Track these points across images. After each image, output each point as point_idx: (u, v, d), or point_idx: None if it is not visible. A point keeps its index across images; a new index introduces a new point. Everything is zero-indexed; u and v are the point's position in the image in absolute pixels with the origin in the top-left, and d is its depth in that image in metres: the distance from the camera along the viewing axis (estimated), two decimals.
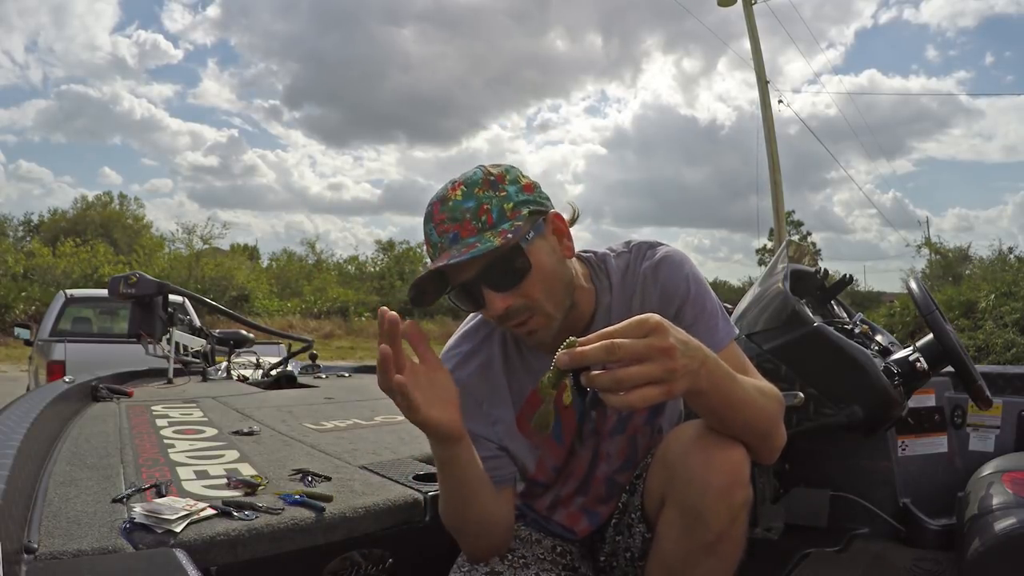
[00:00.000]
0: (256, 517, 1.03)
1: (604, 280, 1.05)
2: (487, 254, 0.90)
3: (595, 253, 1.08)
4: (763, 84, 13.32)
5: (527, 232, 0.94)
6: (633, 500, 1.06)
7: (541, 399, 0.80)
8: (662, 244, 1.06)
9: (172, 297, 3.22)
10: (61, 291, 5.84)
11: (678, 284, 1.01)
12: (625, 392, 0.71)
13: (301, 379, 3.28)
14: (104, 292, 4.03)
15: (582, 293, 1.02)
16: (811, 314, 1.52)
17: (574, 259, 1.01)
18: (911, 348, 1.54)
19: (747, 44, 13.68)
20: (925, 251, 20.52)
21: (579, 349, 0.72)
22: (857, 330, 1.64)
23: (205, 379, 3.15)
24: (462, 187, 0.94)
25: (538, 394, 1.03)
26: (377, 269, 27.16)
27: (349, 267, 27.59)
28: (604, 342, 0.71)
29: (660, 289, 1.02)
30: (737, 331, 1.03)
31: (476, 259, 0.91)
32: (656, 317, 0.73)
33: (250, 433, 1.71)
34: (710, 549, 0.88)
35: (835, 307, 1.86)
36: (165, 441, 1.58)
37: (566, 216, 1.00)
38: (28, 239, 22.54)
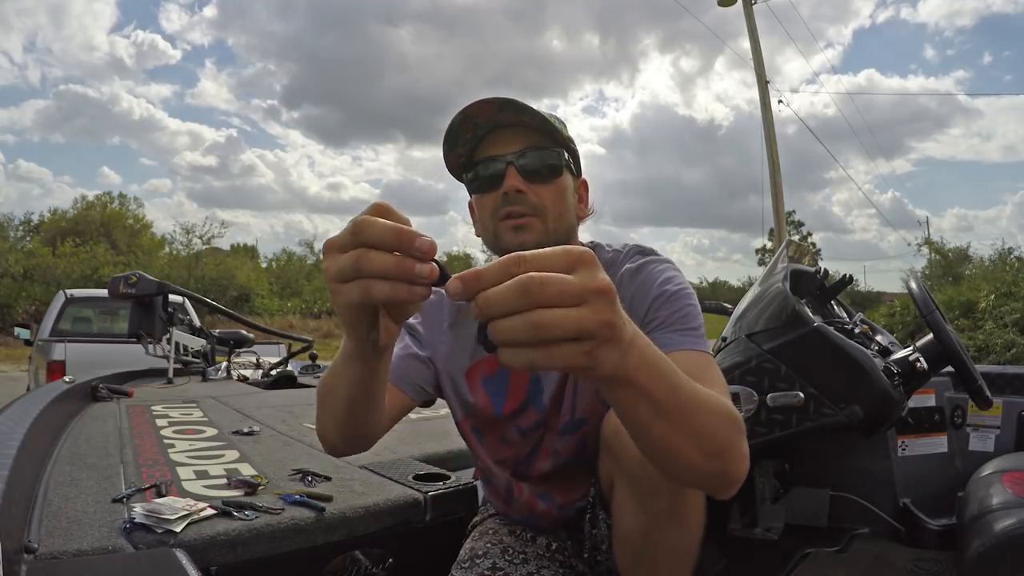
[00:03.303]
0: (256, 517, 1.03)
1: None
2: (539, 136, 0.96)
3: (590, 242, 1.08)
4: (763, 84, 13.33)
5: (570, 160, 1.00)
6: (598, 491, 1.04)
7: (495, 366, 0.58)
8: (655, 253, 1.02)
9: (172, 297, 3.23)
10: (61, 291, 5.83)
11: (653, 284, 0.96)
12: (538, 347, 0.49)
13: (301, 379, 3.28)
14: (104, 292, 4.03)
15: None
16: (811, 314, 1.52)
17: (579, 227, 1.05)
18: (911, 348, 1.54)
19: (745, 43, 13.71)
20: (925, 251, 20.52)
21: (475, 271, 0.51)
22: (857, 330, 1.64)
23: (205, 379, 3.15)
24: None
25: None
26: None
27: None
28: (520, 275, 0.49)
29: (635, 289, 0.97)
30: (710, 350, 0.93)
31: (524, 133, 0.96)
32: (583, 249, 0.52)
33: (250, 433, 1.72)
34: (667, 518, 0.86)
35: (835, 307, 1.86)
36: (165, 441, 1.58)
37: None
38: (28, 239, 22.52)
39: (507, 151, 0.96)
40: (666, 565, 0.90)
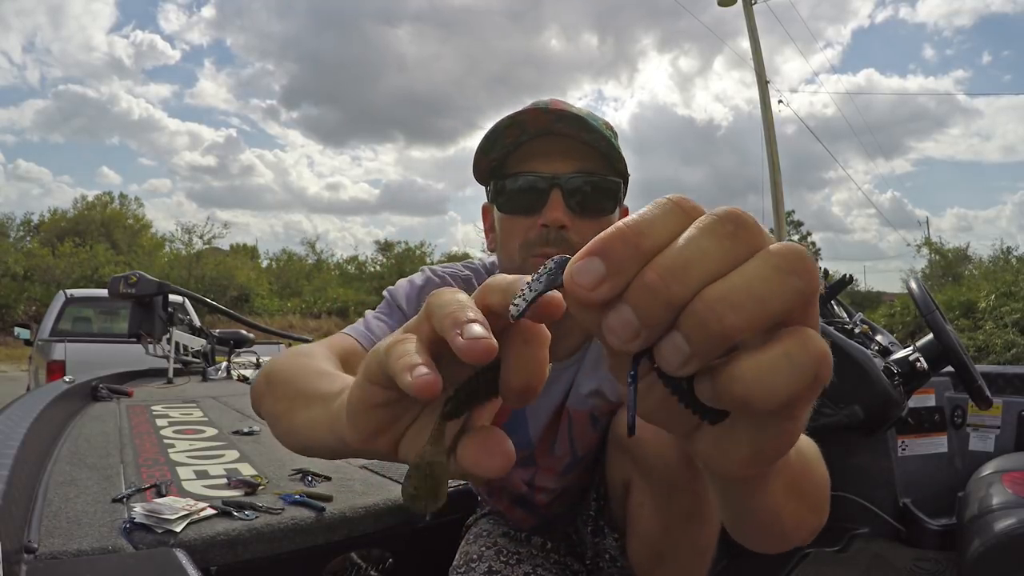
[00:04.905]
0: (256, 517, 1.03)
1: None
2: (595, 157, 0.79)
3: None
4: (763, 84, 13.33)
5: (624, 192, 0.86)
6: (606, 504, 1.03)
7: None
8: None
9: (172, 297, 3.23)
10: (61, 291, 5.83)
11: None
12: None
13: None
14: (104, 292, 4.03)
15: None
16: None
17: None
18: (911, 348, 1.54)
19: (744, 43, 13.72)
20: (925, 251, 20.52)
21: (633, 222, 0.27)
22: (857, 330, 1.64)
23: (205, 379, 3.15)
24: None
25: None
26: (377, 269, 27.17)
27: (349, 267, 27.65)
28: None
29: None
30: None
31: (578, 149, 0.79)
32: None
33: (250, 433, 1.71)
34: (689, 515, 0.84)
35: (835, 307, 1.86)
36: (165, 441, 1.58)
37: None
38: (28, 239, 22.53)
39: (553, 169, 0.80)
40: (686, 562, 0.90)
